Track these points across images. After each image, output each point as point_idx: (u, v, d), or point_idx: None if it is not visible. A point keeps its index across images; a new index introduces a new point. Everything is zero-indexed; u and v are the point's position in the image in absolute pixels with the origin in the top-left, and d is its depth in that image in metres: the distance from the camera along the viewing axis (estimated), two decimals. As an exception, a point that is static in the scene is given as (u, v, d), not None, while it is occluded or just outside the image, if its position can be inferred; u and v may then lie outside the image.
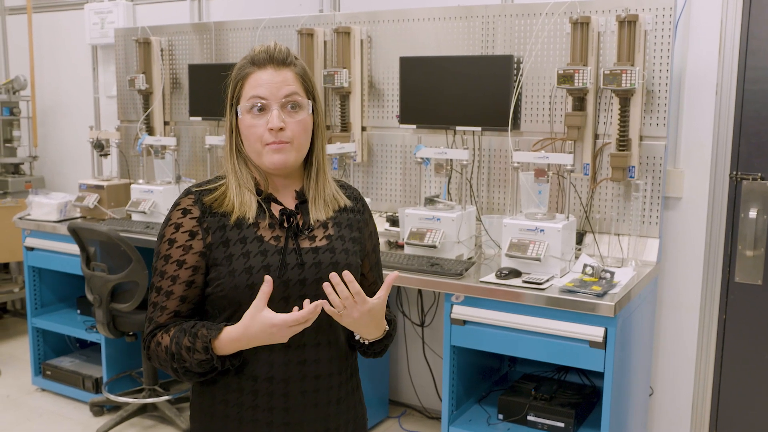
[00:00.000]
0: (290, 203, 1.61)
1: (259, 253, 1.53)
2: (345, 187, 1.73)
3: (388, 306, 1.74)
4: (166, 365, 1.53)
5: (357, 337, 1.61)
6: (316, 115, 1.60)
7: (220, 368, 1.50)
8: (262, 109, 1.53)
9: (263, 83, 1.53)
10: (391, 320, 1.68)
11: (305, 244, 1.58)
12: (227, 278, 1.52)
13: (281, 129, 1.52)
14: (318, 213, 1.61)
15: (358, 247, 1.66)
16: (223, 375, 1.56)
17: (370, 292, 1.71)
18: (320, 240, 1.60)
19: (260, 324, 1.44)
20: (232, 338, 1.47)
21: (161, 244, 1.57)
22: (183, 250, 1.54)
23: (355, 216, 1.69)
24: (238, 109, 1.55)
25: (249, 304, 1.49)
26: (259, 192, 1.59)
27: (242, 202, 1.56)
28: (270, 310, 1.44)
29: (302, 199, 1.61)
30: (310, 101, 1.58)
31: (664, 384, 3.36)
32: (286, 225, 1.57)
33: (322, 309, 1.48)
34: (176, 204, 1.58)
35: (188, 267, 1.54)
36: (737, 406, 3.23)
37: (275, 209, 1.59)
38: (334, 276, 1.45)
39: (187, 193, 1.59)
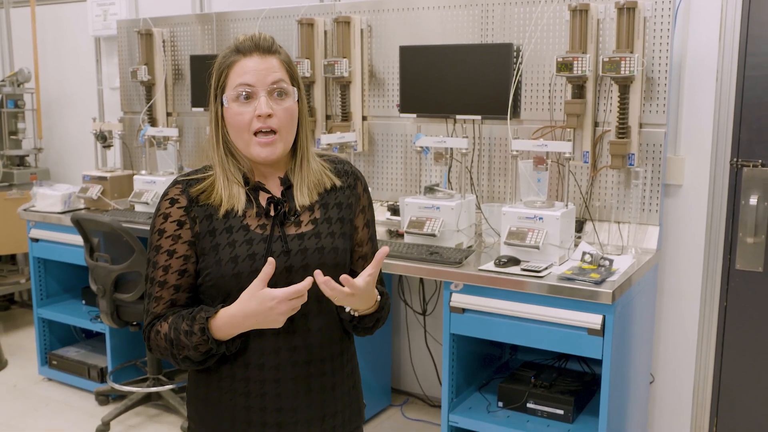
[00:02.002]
0: (276, 190, 1.61)
1: (244, 242, 1.54)
2: (335, 162, 1.71)
3: (381, 281, 1.73)
4: (166, 353, 1.55)
5: (347, 310, 1.58)
6: (300, 102, 1.60)
7: (216, 351, 1.51)
8: (249, 97, 1.53)
9: (249, 70, 1.53)
10: (382, 293, 1.65)
11: (291, 230, 1.58)
12: (214, 268, 1.54)
13: (269, 115, 1.52)
14: (303, 198, 1.61)
15: (347, 226, 1.66)
16: (221, 363, 1.57)
17: (363, 266, 1.69)
18: (306, 225, 1.60)
19: (259, 299, 1.44)
20: (228, 315, 1.48)
21: (152, 235, 1.59)
22: (172, 239, 1.56)
23: (345, 193, 1.68)
24: (224, 98, 1.55)
25: (236, 292, 1.50)
26: (246, 181, 1.59)
27: (230, 195, 1.56)
28: (269, 288, 1.45)
29: (287, 185, 1.61)
30: (295, 88, 1.58)
31: (664, 371, 3.37)
32: (272, 213, 1.57)
33: (311, 295, 1.50)
34: (164, 194, 1.59)
35: (179, 256, 1.56)
36: (738, 394, 3.23)
37: (263, 198, 1.59)
38: (318, 275, 1.44)
39: (175, 183, 1.60)
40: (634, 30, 2.94)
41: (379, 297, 1.61)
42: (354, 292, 1.47)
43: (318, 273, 1.45)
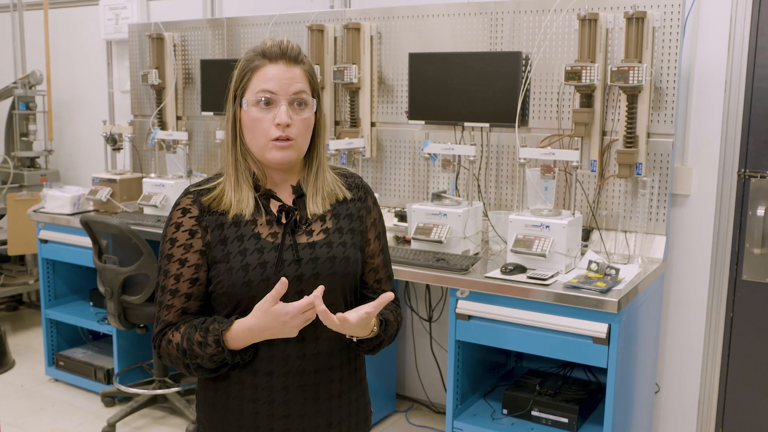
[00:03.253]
0: (287, 198, 1.62)
1: (255, 250, 1.55)
2: (346, 176, 1.72)
3: (397, 302, 1.72)
4: (178, 362, 1.56)
5: (346, 335, 1.58)
6: (319, 113, 1.62)
7: (231, 362, 1.53)
8: (270, 103, 1.54)
9: (273, 78, 1.54)
10: (386, 321, 1.63)
11: (302, 239, 1.59)
12: (225, 276, 1.54)
13: (288, 125, 1.53)
14: (315, 208, 1.61)
15: (358, 237, 1.66)
16: (230, 369, 1.58)
17: (374, 278, 1.72)
18: (317, 234, 1.60)
19: (272, 315, 1.45)
20: (243, 328, 1.49)
21: (164, 244, 1.60)
22: (184, 249, 1.57)
23: (356, 205, 1.68)
24: (244, 101, 1.56)
25: (247, 300, 1.52)
26: (257, 187, 1.60)
27: (239, 200, 1.57)
28: (281, 302, 1.45)
29: (299, 194, 1.62)
30: (315, 100, 1.59)
31: (670, 381, 3.36)
32: (283, 221, 1.58)
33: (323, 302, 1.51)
34: (176, 204, 1.61)
35: (191, 265, 1.57)
36: (744, 404, 3.22)
37: (274, 205, 1.60)
38: (318, 300, 1.43)
39: (186, 192, 1.62)
40: (643, 40, 2.95)
41: (376, 327, 1.58)
42: (345, 326, 1.47)
43: (318, 297, 1.43)
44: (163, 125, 4.42)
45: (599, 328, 2.56)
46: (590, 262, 2.79)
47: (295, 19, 3.95)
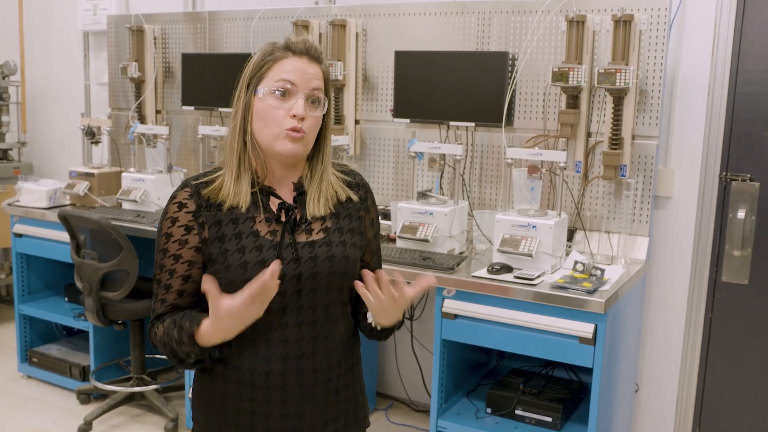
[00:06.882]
0: (288, 195, 1.60)
1: (254, 248, 1.53)
2: (348, 173, 1.71)
3: None
4: (165, 355, 1.57)
5: (370, 321, 1.62)
6: (328, 115, 1.61)
7: (207, 359, 1.52)
8: (286, 94, 1.52)
9: (296, 69, 1.53)
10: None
11: (302, 238, 1.57)
12: (223, 274, 1.52)
13: (303, 118, 1.52)
14: (317, 210, 1.60)
15: (357, 237, 1.65)
16: (227, 367, 1.57)
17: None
18: (317, 233, 1.59)
19: (226, 315, 1.43)
20: (209, 329, 1.47)
21: (159, 238, 1.57)
22: (179, 244, 1.55)
23: (356, 205, 1.68)
24: (260, 89, 1.54)
25: None
26: (255, 183, 1.58)
27: (237, 191, 1.55)
28: (227, 297, 1.41)
29: (300, 191, 1.61)
30: (326, 100, 1.59)
31: (649, 381, 3.40)
32: (283, 219, 1.57)
33: (319, 303, 1.53)
34: (173, 197, 1.58)
35: (184, 261, 1.55)
36: (721, 404, 3.28)
37: (273, 203, 1.59)
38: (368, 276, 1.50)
39: (185, 185, 1.59)
40: (630, 43, 2.98)
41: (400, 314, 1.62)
42: (395, 297, 1.51)
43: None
44: (141, 119, 4.36)
45: (586, 329, 2.58)
46: (576, 262, 2.81)
47: (279, 14, 3.91)
